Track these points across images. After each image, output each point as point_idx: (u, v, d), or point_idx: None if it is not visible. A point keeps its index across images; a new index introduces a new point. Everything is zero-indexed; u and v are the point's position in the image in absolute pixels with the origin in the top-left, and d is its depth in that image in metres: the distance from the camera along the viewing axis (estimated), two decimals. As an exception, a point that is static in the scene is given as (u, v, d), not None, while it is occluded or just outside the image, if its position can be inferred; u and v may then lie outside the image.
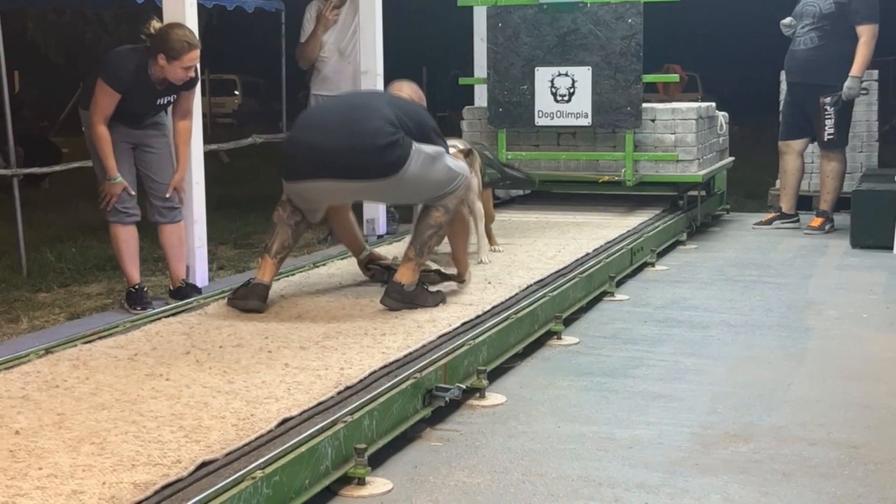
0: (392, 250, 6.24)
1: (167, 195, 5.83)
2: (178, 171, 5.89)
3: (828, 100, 8.11)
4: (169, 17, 5.94)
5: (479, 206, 6.01)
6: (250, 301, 4.91)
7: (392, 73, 8.08)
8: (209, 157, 6.53)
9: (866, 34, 8.01)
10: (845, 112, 8.31)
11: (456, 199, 4.96)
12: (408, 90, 5.35)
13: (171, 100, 5.77)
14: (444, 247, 5.38)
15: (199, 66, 5.68)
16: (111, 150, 5.61)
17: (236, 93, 30.23)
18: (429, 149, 4.87)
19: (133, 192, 5.76)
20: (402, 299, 4.85)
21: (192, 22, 5.95)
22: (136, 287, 5.83)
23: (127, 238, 5.79)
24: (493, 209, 6.61)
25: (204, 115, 6.31)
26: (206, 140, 6.43)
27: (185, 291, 5.86)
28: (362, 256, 5.59)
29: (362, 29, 7.92)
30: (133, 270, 5.84)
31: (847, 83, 8.06)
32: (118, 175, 5.66)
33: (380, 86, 7.74)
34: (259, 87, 29.86)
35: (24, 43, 14.49)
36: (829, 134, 8.23)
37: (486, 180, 6.23)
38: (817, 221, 8.36)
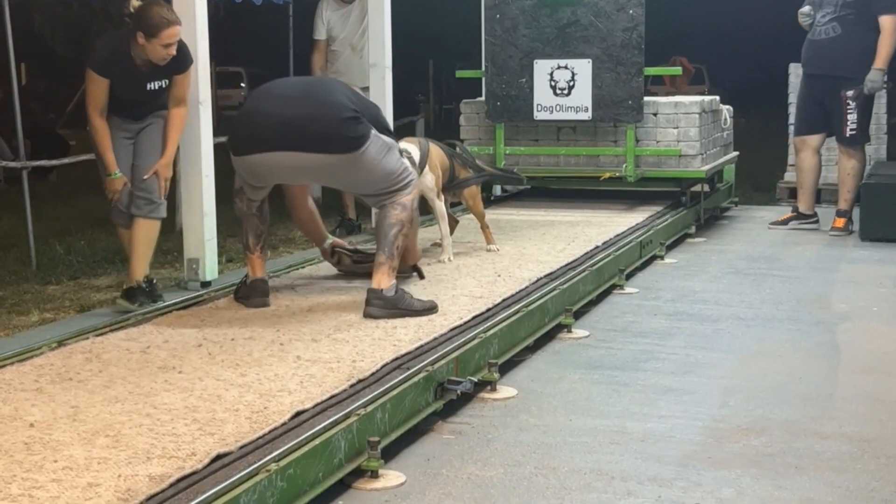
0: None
1: (144, 177, 5.50)
2: (164, 155, 5.58)
3: (850, 93, 7.85)
4: (179, 10, 5.92)
5: (439, 205, 5.87)
6: (254, 299, 4.91)
7: (400, 66, 8.10)
8: (218, 149, 6.51)
9: (890, 24, 7.71)
10: (867, 106, 8.08)
11: (410, 196, 4.85)
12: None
13: (164, 85, 5.54)
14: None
15: (187, 47, 5.51)
16: (109, 143, 5.44)
17: (242, 85, 30.21)
18: (385, 138, 4.83)
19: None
20: (385, 306, 4.62)
21: (202, 15, 5.93)
22: (145, 281, 5.68)
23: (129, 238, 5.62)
24: (483, 207, 6.50)
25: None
26: (214, 132, 6.38)
27: (135, 293, 5.52)
28: (326, 245, 5.57)
29: (371, 22, 7.92)
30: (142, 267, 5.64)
31: (869, 76, 7.81)
32: (117, 170, 5.47)
33: (388, 79, 7.74)
34: (265, 80, 29.83)
35: (30, 35, 14.48)
36: (851, 129, 7.95)
37: (459, 179, 6.13)
38: (841, 222, 8.05)
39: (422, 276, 5.46)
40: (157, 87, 5.54)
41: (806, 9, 8.04)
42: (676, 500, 3.16)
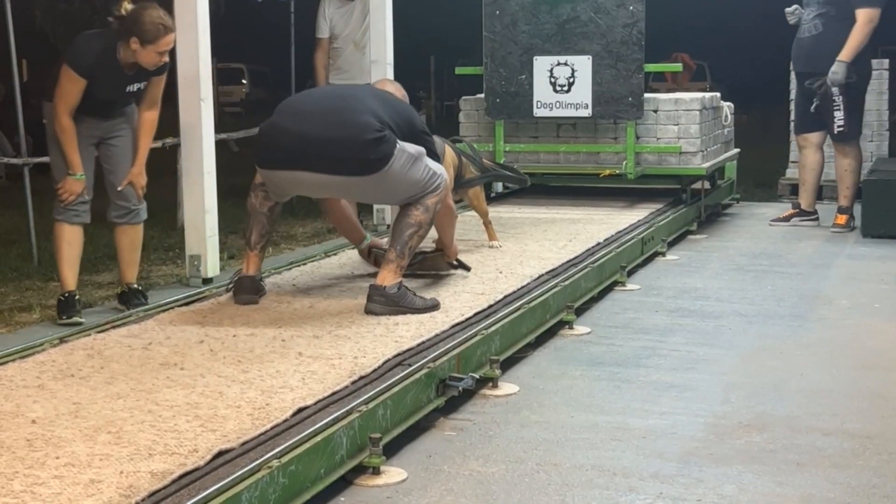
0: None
1: (119, 188, 5.45)
2: (135, 164, 5.47)
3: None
4: (180, 6, 5.94)
5: (449, 203, 5.85)
6: (242, 296, 4.89)
7: (401, 62, 8.10)
8: (219, 146, 6.51)
9: (863, 17, 7.70)
10: (856, 102, 8.03)
11: (435, 197, 4.77)
12: (391, 88, 5.23)
13: (142, 87, 5.40)
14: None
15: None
16: (76, 143, 5.26)
17: (244, 82, 30.23)
18: (411, 148, 4.71)
19: (88, 194, 5.40)
20: (386, 303, 4.59)
21: (203, 12, 5.93)
22: (68, 294, 5.42)
23: (71, 239, 5.41)
24: (487, 204, 6.50)
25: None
26: (216, 129, 6.38)
27: (126, 297, 5.59)
28: (363, 245, 5.48)
29: (372, 19, 7.93)
30: (69, 275, 5.43)
31: (833, 67, 7.73)
32: (82, 171, 5.30)
33: (390, 75, 7.73)
34: (266, 76, 29.86)
35: (32, 31, 14.49)
36: (839, 126, 7.94)
37: (465, 179, 6.09)
38: (842, 219, 8.05)
39: (467, 269, 5.38)
40: (135, 89, 5.42)
41: (790, 8, 8.07)
42: (678, 497, 3.16)
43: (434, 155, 4.94)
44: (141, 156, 5.51)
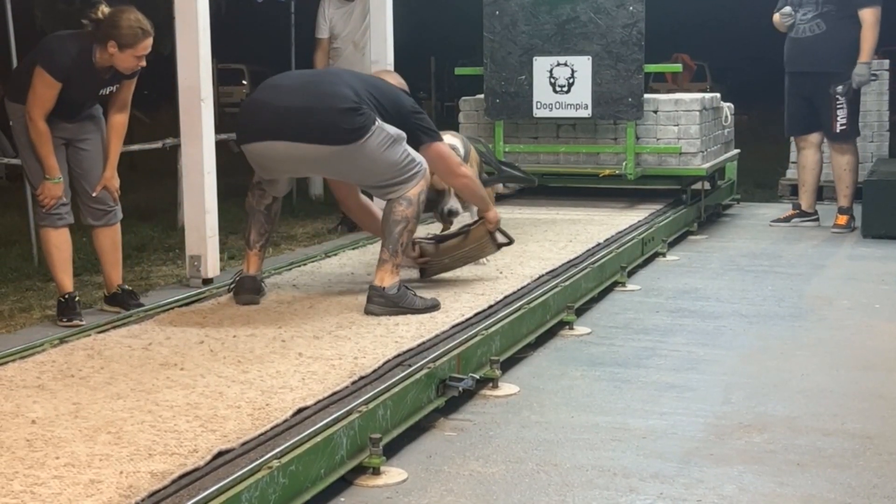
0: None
1: (93, 194, 5.41)
2: (107, 168, 5.41)
3: (839, 89, 7.83)
4: (179, 7, 5.94)
5: (464, 172, 5.76)
6: (243, 295, 4.89)
7: (401, 62, 8.10)
8: (219, 146, 6.51)
9: (870, 17, 7.75)
10: (856, 101, 8.07)
11: (416, 188, 4.74)
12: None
13: (114, 90, 5.33)
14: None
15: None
16: (52, 147, 5.18)
17: (244, 82, 30.21)
18: (391, 129, 4.70)
19: (66, 196, 5.37)
20: (386, 304, 4.59)
21: (203, 12, 5.93)
22: (67, 296, 5.38)
23: (59, 243, 5.37)
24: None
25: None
26: (216, 130, 6.38)
27: (120, 298, 5.56)
28: None
29: (373, 19, 7.93)
30: (65, 278, 5.39)
31: (856, 70, 7.81)
32: (60, 175, 5.25)
33: (390, 75, 7.73)
34: (267, 77, 29.81)
35: (32, 31, 14.52)
36: (841, 125, 7.95)
37: (482, 177, 6.06)
38: (843, 219, 8.07)
39: (511, 241, 5.30)
40: (108, 92, 5.36)
41: (787, 9, 8.04)
42: (678, 497, 3.16)
43: (430, 132, 4.91)
44: (112, 159, 5.46)
